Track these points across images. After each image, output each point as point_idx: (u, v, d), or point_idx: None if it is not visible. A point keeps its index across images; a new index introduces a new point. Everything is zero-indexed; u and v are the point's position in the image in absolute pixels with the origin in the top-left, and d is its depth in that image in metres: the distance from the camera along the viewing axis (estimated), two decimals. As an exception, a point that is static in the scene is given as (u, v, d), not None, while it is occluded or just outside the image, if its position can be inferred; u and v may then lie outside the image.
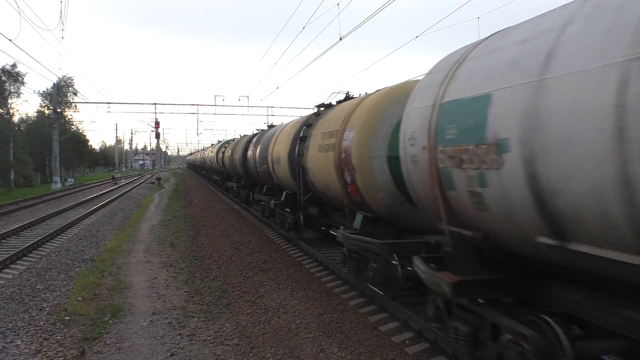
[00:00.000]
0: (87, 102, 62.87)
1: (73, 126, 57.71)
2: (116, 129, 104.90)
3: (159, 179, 44.60)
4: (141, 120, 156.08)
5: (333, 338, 6.42)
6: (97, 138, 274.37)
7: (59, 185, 41.22)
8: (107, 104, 47.93)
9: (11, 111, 43.56)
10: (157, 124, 44.31)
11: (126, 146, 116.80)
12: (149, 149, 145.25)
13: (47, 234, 14.28)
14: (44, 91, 51.25)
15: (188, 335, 6.54)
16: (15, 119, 45.63)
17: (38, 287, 8.98)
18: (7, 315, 7.38)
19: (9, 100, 42.98)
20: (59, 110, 43.62)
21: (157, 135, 46.23)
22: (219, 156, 31.57)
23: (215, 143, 48.42)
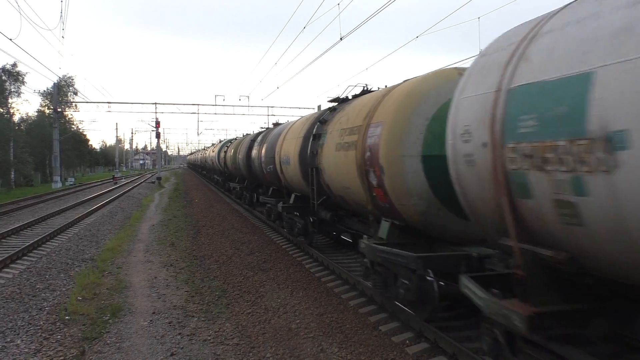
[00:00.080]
0: (88, 102, 62.73)
1: (73, 126, 57.77)
2: (116, 129, 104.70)
3: (159, 178, 44.65)
4: (141, 120, 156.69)
5: (333, 338, 6.41)
6: (98, 138, 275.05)
7: (59, 184, 41.24)
8: (108, 104, 48.06)
9: (11, 111, 43.58)
10: (158, 123, 44.36)
11: (126, 146, 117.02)
12: (149, 149, 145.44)
13: (47, 233, 14.28)
14: (44, 91, 51.26)
15: (188, 335, 6.53)
16: (16, 118, 45.67)
17: (38, 287, 8.98)
18: (7, 315, 7.38)
19: (10, 100, 42.96)
20: (59, 109, 43.61)
21: (158, 135, 46.27)
22: (220, 156, 30.64)
23: (216, 143, 47.55)
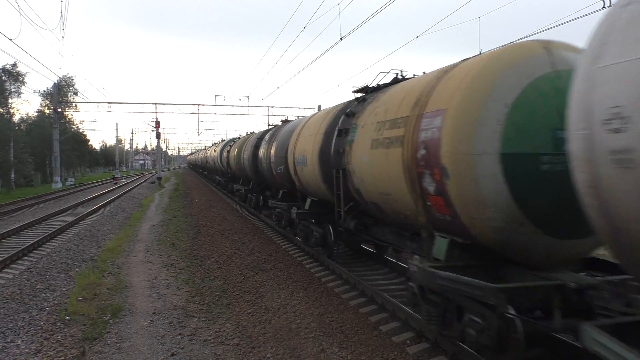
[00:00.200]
0: (88, 102, 62.84)
1: (74, 126, 57.75)
2: (117, 129, 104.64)
3: (159, 178, 44.68)
4: (142, 120, 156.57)
5: (334, 338, 6.42)
6: (98, 138, 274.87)
7: (59, 185, 41.24)
8: (108, 104, 48.09)
9: (12, 111, 43.57)
10: (158, 123, 44.36)
11: (127, 146, 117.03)
12: (149, 149, 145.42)
13: (48, 233, 14.28)
14: (44, 91, 51.28)
15: (188, 335, 6.54)
16: (16, 118, 45.70)
17: (38, 287, 8.98)
18: (8, 315, 7.38)
19: (10, 100, 42.96)
20: (59, 110, 43.60)
21: (158, 135, 46.27)
22: (223, 156, 29.12)
23: (217, 142, 46.55)
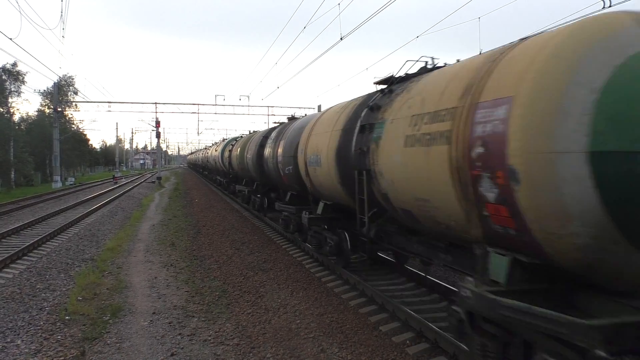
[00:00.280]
0: (88, 102, 62.89)
1: (74, 125, 57.79)
2: (117, 128, 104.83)
3: (159, 178, 44.66)
4: (142, 120, 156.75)
5: (333, 338, 6.42)
6: (98, 137, 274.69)
7: (59, 184, 41.25)
8: (108, 103, 47.81)
9: (12, 110, 43.59)
10: (158, 123, 44.34)
11: (127, 145, 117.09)
12: (149, 149, 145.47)
13: (48, 233, 14.28)
14: (44, 90, 51.33)
15: (188, 335, 6.54)
16: (16, 118, 45.69)
17: (38, 287, 8.98)
18: (7, 315, 7.38)
19: (10, 99, 42.99)
20: (59, 109, 43.61)
21: (158, 135, 46.24)
22: (224, 155, 27.88)
23: (218, 141, 45.48)
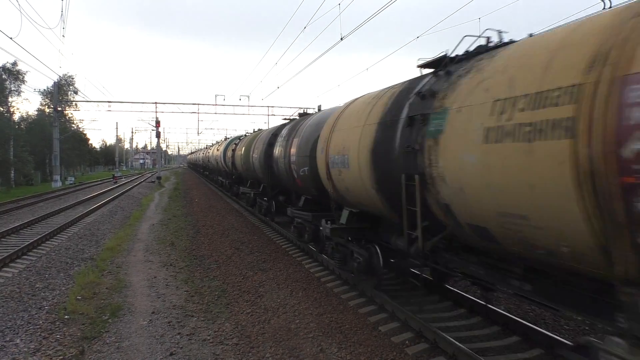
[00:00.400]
0: (88, 101, 62.75)
1: (74, 125, 57.71)
2: (117, 128, 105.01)
3: (159, 178, 44.66)
4: (142, 119, 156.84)
5: (333, 338, 6.41)
6: (98, 137, 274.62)
7: (59, 184, 41.24)
8: (108, 103, 47.81)
9: (12, 109, 43.62)
10: (158, 123, 44.31)
11: (127, 145, 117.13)
12: (149, 148, 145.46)
13: (47, 232, 14.27)
14: (44, 89, 51.31)
15: (187, 335, 6.53)
16: (16, 117, 45.72)
17: (37, 286, 8.97)
18: (7, 314, 7.38)
19: (10, 99, 43.01)
20: (59, 108, 43.60)
21: (158, 135, 46.21)
22: (227, 155, 26.50)
23: (220, 140, 44.56)
